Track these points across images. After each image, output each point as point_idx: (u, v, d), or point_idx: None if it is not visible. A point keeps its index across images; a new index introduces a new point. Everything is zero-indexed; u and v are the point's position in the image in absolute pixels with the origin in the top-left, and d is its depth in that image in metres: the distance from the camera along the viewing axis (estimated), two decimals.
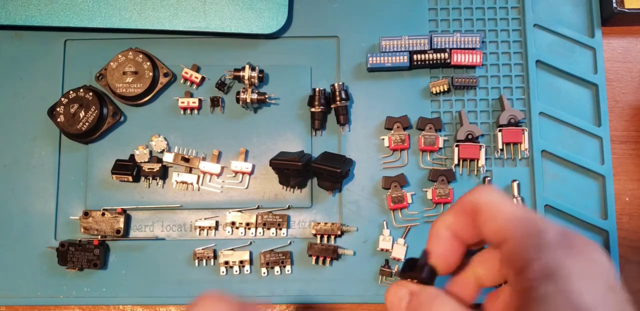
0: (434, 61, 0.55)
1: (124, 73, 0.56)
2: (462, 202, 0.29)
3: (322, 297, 0.54)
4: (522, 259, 0.25)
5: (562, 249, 0.24)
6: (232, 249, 0.55)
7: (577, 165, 0.55)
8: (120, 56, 0.56)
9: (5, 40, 0.59)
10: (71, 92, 0.55)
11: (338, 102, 0.55)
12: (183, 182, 0.56)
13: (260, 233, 0.55)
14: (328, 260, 0.54)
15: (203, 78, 0.57)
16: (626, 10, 0.57)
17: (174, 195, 0.56)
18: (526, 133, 0.55)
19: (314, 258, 0.54)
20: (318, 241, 0.54)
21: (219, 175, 0.56)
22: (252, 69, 0.55)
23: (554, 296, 0.22)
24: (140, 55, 0.56)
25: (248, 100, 0.55)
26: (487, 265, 0.31)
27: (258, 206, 0.55)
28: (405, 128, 0.56)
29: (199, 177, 0.56)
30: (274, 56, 0.58)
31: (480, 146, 0.55)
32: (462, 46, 0.56)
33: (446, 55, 0.55)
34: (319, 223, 0.54)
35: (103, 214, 0.54)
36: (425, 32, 0.58)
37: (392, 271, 0.53)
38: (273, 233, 0.55)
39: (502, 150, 0.55)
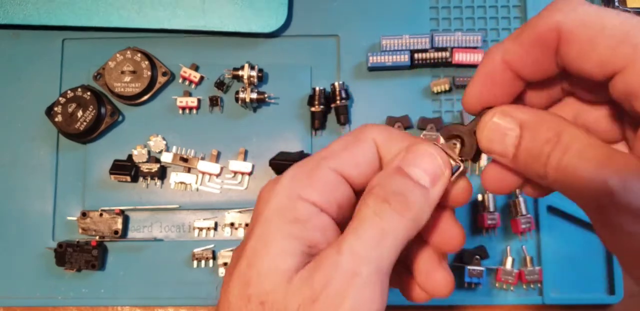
0: (435, 60, 0.55)
1: (122, 72, 0.55)
2: (535, 27, 0.21)
3: None
4: None
5: None
6: (231, 250, 0.54)
7: None
8: (118, 55, 0.56)
9: (3, 40, 0.58)
10: (69, 92, 0.55)
11: (338, 102, 0.55)
12: (182, 182, 0.55)
13: None
14: None
15: (202, 78, 0.57)
16: (628, 9, 0.56)
17: (172, 196, 0.55)
18: None
19: None
20: None
21: (218, 175, 0.55)
22: (252, 68, 0.55)
23: None
24: (139, 55, 0.56)
25: (247, 100, 0.55)
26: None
27: None
28: (406, 128, 0.55)
29: (197, 177, 0.55)
30: (274, 55, 0.57)
31: None
32: (464, 45, 0.55)
33: (447, 54, 0.55)
34: None
35: (101, 215, 0.54)
36: (427, 31, 0.57)
37: None
38: None
39: None
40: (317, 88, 0.55)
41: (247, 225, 0.54)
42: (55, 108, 0.55)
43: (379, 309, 0.22)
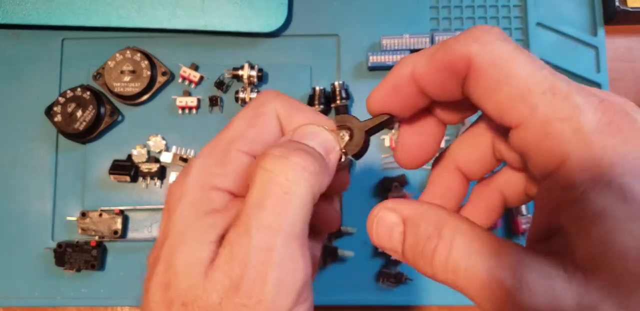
0: None
1: (122, 72, 0.55)
2: (448, 51, 0.21)
3: (321, 298, 0.53)
4: (550, 152, 0.18)
5: (610, 137, 0.18)
6: None
7: None
8: (117, 55, 0.55)
9: (2, 40, 0.58)
10: (68, 92, 0.55)
11: (338, 101, 0.54)
12: None
13: None
14: (328, 261, 0.53)
15: (202, 78, 0.57)
16: (629, 9, 0.56)
17: None
18: None
19: None
20: None
21: None
22: (251, 67, 0.55)
23: (613, 207, 0.17)
24: (138, 54, 0.55)
25: (247, 100, 0.54)
26: (472, 151, 0.25)
27: None
28: None
29: None
30: (274, 55, 0.57)
31: None
32: None
33: None
34: None
35: (100, 215, 0.54)
36: (427, 31, 0.57)
37: (392, 272, 0.53)
38: None
39: None
40: (317, 88, 0.55)
41: None
42: (55, 108, 0.54)
43: (305, 276, 0.21)
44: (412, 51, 0.55)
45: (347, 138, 0.25)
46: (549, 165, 0.19)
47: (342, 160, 0.25)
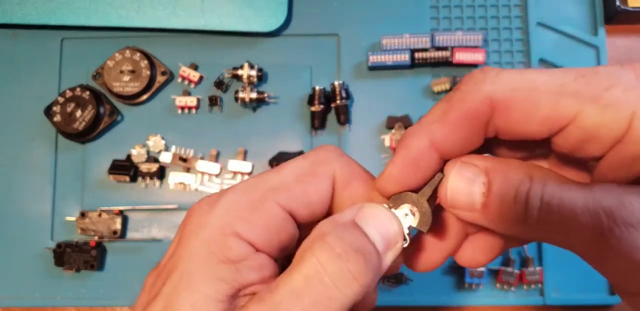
0: (436, 59, 0.55)
1: (121, 72, 0.55)
2: (464, 104, 0.21)
3: None
4: (616, 120, 0.19)
5: None
6: None
7: None
8: (117, 55, 0.55)
9: (2, 40, 0.58)
10: (68, 91, 0.55)
11: (338, 101, 0.54)
12: (181, 183, 0.55)
13: None
14: None
15: (201, 77, 0.57)
16: (629, 9, 0.56)
17: (171, 196, 0.55)
18: None
19: None
20: None
21: (217, 175, 0.55)
22: (251, 67, 0.55)
23: None
24: (138, 54, 0.55)
25: (247, 99, 0.54)
26: None
27: None
28: (406, 128, 0.55)
29: (197, 177, 0.55)
30: (273, 54, 0.57)
31: None
32: (464, 44, 0.55)
33: (448, 53, 0.55)
34: None
35: (100, 215, 0.54)
36: (427, 30, 0.57)
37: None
38: None
39: None
40: (317, 88, 0.55)
41: None
42: (54, 108, 0.54)
43: None
44: (412, 51, 0.55)
45: (410, 216, 0.23)
46: (618, 134, 0.19)
47: (405, 245, 0.23)
